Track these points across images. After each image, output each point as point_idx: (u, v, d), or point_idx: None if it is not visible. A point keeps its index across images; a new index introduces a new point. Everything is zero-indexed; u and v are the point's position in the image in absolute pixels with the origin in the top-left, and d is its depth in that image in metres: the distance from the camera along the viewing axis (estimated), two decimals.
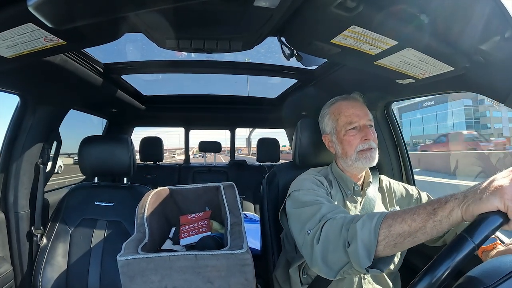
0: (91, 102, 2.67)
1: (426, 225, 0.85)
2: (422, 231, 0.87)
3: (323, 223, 1.15)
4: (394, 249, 0.95)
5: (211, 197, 1.79)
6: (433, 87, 1.50)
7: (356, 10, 0.95)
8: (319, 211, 1.22)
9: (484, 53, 1.10)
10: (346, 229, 1.06)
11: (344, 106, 1.54)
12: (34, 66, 1.46)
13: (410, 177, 2.14)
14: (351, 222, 1.07)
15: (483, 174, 8.73)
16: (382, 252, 0.97)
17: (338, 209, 1.25)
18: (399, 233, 0.92)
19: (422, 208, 0.88)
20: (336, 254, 1.07)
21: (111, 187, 2.07)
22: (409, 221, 0.90)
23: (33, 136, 1.85)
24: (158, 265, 1.22)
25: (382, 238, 0.95)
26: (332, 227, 1.12)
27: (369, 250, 0.97)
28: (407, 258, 1.53)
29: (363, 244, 0.98)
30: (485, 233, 0.70)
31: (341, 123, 1.51)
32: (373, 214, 1.03)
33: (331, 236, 1.10)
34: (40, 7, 0.66)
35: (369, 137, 1.46)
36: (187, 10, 1.10)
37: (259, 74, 2.51)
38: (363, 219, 1.03)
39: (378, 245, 0.96)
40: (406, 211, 0.93)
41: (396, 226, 0.92)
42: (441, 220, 0.82)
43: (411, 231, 0.89)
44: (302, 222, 1.26)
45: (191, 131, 4.72)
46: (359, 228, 1.01)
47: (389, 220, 0.95)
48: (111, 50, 2.09)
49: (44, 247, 1.85)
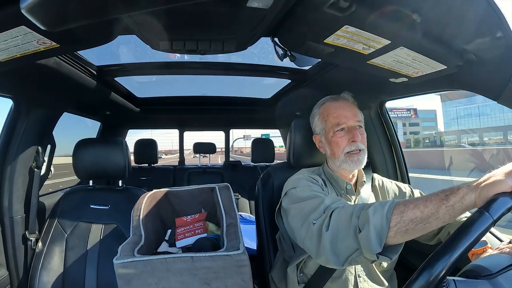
0: (85, 105, 2.66)
1: (439, 210, 0.87)
2: (434, 217, 0.88)
3: (331, 212, 1.16)
4: (405, 235, 0.96)
5: (207, 198, 1.78)
6: (426, 85, 1.51)
7: (349, 10, 0.95)
8: (322, 203, 1.23)
9: (477, 52, 1.11)
10: (357, 216, 1.07)
11: (332, 106, 1.54)
12: (27, 69, 1.45)
13: (405, 175, 2.15)
14: (361, 209, 1.08)
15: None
16: (392, 239, 0.98)
17: (342, 200, 1.26)
18: (411, 218, 0.93)
19: (435, 195, 0.90)
20: (346, 241, 1.08)
21: (106, 190, 2.06)
22: (421, 207, 0.91)
23: (27, 139, 1.84)
24: (154, 268, 1.21)
25: (394, 224, 0.96)
26: (342, 215, 1.13)
27: (381, 236, 0.98)
28: (402, 256, 1.53)
29: (375, 230, 0.99)
30: (502, 210, 0.72)
31: (329, 124, 1.52)
32: (384, 202, 1.04)
33: (341, 223, 1.11)
34: (33, 10, 0.66)
35: (356, 139, 1.46)
36: (180, 12, 1.09)
37: (252, 75, 2.51)
38: (374, 206, 1.04)
39: (389, 231, 0.97)
40: (418, 198, 0.95)
41: (409, 212, 0.94)
42: (454, 205, 0.84)
43: (423, 216, 0.90)
44: (305, 215, 1.26)
45: (188, 132, 4.72)
46: (371, 213, 1.02)
47: (401, 207, 0.97)
48: (104, 53, 2.08)
49: (40, 251, 1.83)
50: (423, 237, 1.44)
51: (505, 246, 1.05)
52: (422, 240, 1.48)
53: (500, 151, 15.13)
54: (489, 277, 0.74)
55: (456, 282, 0.73)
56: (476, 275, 0.76)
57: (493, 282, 0.73)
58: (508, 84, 1.07)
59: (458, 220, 1.29)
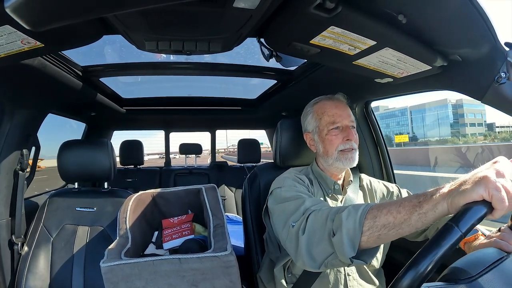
0: (69, 106, 2.62)
1: (411, 217, 0.87)
2: (407, 223, 0.88)
3: (308, 215, 1.17)
4: (378, 240, 0.96)
5: (193, 199, 1.78)
6: (411, 86, 1.53)
7: (335, 11, 0.96)
8: (303, 204, 1.23)
9: (461, 52, 1.13)
10: (331, 220, 1.07)
11: (328, 105, 1.55)
12: (11, 69, 1.42)
13: (391, 175, 2.17)
14: (336, 212, 1.08)
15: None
16: (366, 243, 0.98)
17: (322, 203, 1.26)
18: (383, 224, 0.93)
19: (408, 201, 0.90)
20: (321, 245, 1.08)
21: (92, 192, 2.04)
22: (394, 213, 0.91)
23: (11, 141, 1.80)
24: (142, 270, 1.21)
25: (367, 228, 0.96)
26: (317, 218, 1.13)
27: (354, 240, 0.98)
28: (390, 254, 1.55)
29: (347, 234, 0.99)
30: (471, 222, 0.72)
31: (324, 122, 1.52)
32: (358, 205, 1.04)
33: (317, 226, 1.11)
34: (18, 9, 0.65)
35: (351, 138, 1.48)
36: (166, 12, 1.09)
37: (238, 75, 2.50)
38: (348, 210, 1.04)
39: (362, 236, 0.97)
40: (392, 203, 0.95)
41: (381, 218, 0.94)
42: (426, 212, 0.84)
43: (396, 222, 0.90)
44: (286, 216, 1.27)
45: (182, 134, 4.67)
46: (344, 218, 1.02)
47: (374, 211, 0.97)
48: (89, 53, 2.05)
49: (26, 255, 1.80)
50: (411, 235, 1.46)
51: (494, 235, 1.06)
52: (410, 238, 1.50)
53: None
54: (468, 280, 0.74)
55: None
56: (456, 278, 0.76)
57: (472, 285, 0.73)
58: (492, 84, 1.08)
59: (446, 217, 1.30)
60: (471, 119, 66.00)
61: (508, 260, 0.78)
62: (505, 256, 0.79)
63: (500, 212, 0.73)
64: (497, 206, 0.72)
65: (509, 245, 0.97)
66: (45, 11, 0.68)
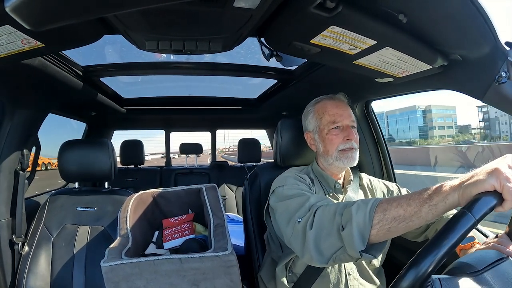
0: (70, 106, 2.62)
1: (422, 209, 0.88)
2: (417, 215, 0.89)
3: (315, 210, 1.17)
4: (387, 234, 0.97)
5: (194, 199, 1.78)
6: (412, 85, 1.52)
7: (335, 11, 0.96)
8: (307, 201, 1.24)
9: (462, 52, 1.13)
10: (340, 214, 1.08)
11: (329, 105, 1.55)
12: (12, 69, 1.42)
13: (392, 174, 2.17)
14: (344, 207, 1.09)
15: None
16: (375, 237, 0.99)
17: (327, 199, 1.26)
18: (394, 217, 0.94)
19: (418, 194, 0.91)
20: (329, 239, 1.08)
21: (93, 192, 2.04)
22: (404, 206, 0.92)
23: (12, 141, 1.80)
24: (143, 270, 1.21)
25: (377, 221, 0.97)
26: (326, 213, 1.13)
27: (364, 233, 0.99)
28: (390, 254, 1.55)
29: (357, 227, 0.99)
30: (484, 210, 0.73)
31: (324, 121, 1.52)
32: (368, 199, 1.05)
33: (325, 221, 1.11)
34: (18, 9, 0.64)
35: (351, 137, 1.48)
36: (166, 11, 1.09)
37: (239, 75, 2.50)
38: (358, 204, 1.05)
39: (372, 229, 0.97)
40: (401, 197, 0.96)
41: (392, 210, 0.95)
42: (437, 204, 0.85)
43: (406, 215, 0.91)
44: (291, 213, 1.27)
45: (184, 134, 4.66)
46: (354, 211, 1.02)
47: (384, 205, 0.98)
48: (90, 53, 2.05)
49: (26, 255, 1.79)
50: (411, 235, 1.46)
51: (491, 241, 1.06)
52: (410, 238, 1.50)
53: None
54: (474, 274, 0.75)
55: (441, 280, 0.73)
56: (462, 272, 0.77)
57: (478, 278, 0.74)
58: (493, 83, 1.08)
59: (446, 217, 1.30)
60: (440, 123, 70.66)
61: (509, 260, 0.79)
62: (505, 258, 0.80)
63: (510, 204, 0.75)
64: (508, 197, 0.74)
65: (507, 249, 0.97)
66: (45, 11, 0.68)
